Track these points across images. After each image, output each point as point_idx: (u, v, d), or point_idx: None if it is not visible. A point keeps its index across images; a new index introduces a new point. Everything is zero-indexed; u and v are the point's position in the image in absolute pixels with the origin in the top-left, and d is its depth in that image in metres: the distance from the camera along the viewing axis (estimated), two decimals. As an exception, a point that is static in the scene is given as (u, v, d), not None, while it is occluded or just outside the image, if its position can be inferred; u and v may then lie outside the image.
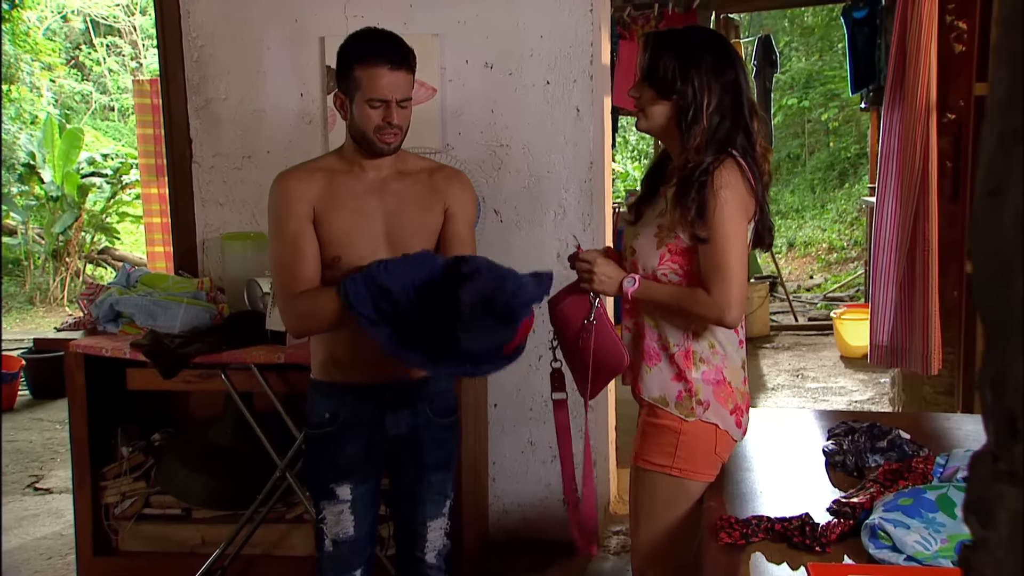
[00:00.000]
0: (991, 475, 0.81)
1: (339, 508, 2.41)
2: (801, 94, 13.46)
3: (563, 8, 3.59)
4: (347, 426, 2.39)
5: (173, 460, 3.43)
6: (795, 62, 14.10)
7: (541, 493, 3.80)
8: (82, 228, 11.10)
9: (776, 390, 6.08)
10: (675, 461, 2.20)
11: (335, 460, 2.40)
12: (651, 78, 2.17)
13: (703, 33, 2.31)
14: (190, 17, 3.75)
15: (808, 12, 13.64)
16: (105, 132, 14.92)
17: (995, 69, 0.82)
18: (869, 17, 5.94)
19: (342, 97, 2.31)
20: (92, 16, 15.59)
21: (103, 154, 12.31)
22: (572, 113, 3.62)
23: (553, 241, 3.67)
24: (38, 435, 5.69)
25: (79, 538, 3.44)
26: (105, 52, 15.93)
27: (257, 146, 3.77)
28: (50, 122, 11.11)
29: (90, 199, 11.08)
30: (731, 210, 2.10)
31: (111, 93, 15.80)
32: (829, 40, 13.62)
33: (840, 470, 2.28)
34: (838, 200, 12.69)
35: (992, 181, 0.79)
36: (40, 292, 10.93)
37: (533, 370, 3.74)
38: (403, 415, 2.42)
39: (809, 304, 9.23)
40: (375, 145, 2.30)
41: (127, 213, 11.48)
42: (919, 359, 3.40)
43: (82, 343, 3.25)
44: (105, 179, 11.31)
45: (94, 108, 15.50)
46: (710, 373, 2.20)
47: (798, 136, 14.24)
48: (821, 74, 13.45)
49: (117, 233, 11.64)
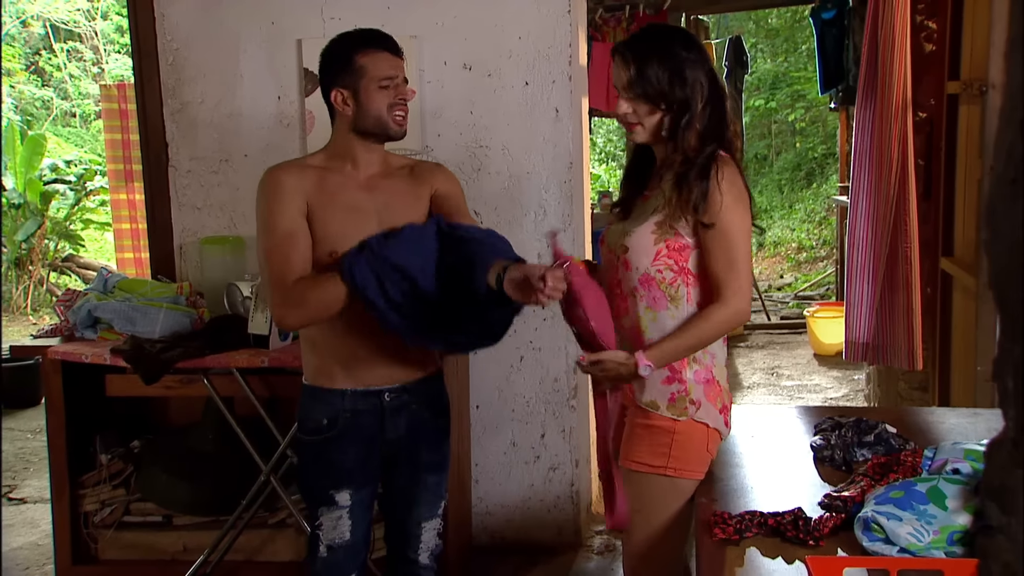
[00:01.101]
0: (1012, 462, 0.81)
1: (338, 514, 2.40)
2: (768, 95, 13.57)
3: (541, 9, 3.60)
4: (346, 432, 2.38)
5: (153, 467, 3.39)
6: (761, 63, 14.21)
7: (524, 494, 3.80)
8: (45, 236, 10.94)
9: (752, 388, 6.13)
10: (669, 461, 2.20)
11: (335, 466, 2.39)
12: (644, 93, 2.16)
13: (669, 31, 2.30)
14: (165, 20, 3.72)
15: (773, 14, 13.75)
16: (67, 138, 14.72)
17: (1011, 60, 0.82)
18: (837, 18, 6.01)
19: (343, 92, 2.31)
20: (52, 21, 15.38)
21: (66, 160, 12.15)
22: (551, 114, 3.63)
23: (533, 242, 3.67)
24: (9, 444, 5.61)
25: (58, 547, 3.40)
26: (66, 57, 15.73)
27: (234, 149, 3.74)
28: (11, 129, 10.96)
29: (53, 206, 10.93)
30: (735, 205, 2.13)
31: (72, 99, 15.60)
32: (794, 42, 13.75)
33: (828, 465, 2.30)
34: (806, 200, 12.80)
35: (1012, 169, 0.79)
36: (3, 300, 10.77)
37: (515, 371, 3.74)
38: (401, 418, 2.42)
39: (781, 303, 9.30)
40: (389, 127, 2.32)
41: (92, 220, 11.34)
42: (903, 355, 3.43)
43: (61, 349, 3.20)
44: (69, 186, 11.16)
45: (55, 114, 15.30)
46: (701, 372, 2.21)
47: (765, 137, 14.35)
48: (787, 75, 13.56)
49: (82, 240, 11.49)
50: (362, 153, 2.36)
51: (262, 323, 3.03)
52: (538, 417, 3.76)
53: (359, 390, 2.37)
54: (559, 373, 3.74)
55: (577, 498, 3.79)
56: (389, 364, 2.38)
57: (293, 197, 2.28)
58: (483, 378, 3.74)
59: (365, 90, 2.30)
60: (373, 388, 2.38)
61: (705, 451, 2.23)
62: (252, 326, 3.07)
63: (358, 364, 2.36)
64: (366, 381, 2.37)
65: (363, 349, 2.34)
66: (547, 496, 3.79)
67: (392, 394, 2.40)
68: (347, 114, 2.33)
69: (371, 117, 2.31)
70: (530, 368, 3.74)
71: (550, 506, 3.79)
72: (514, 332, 3.70)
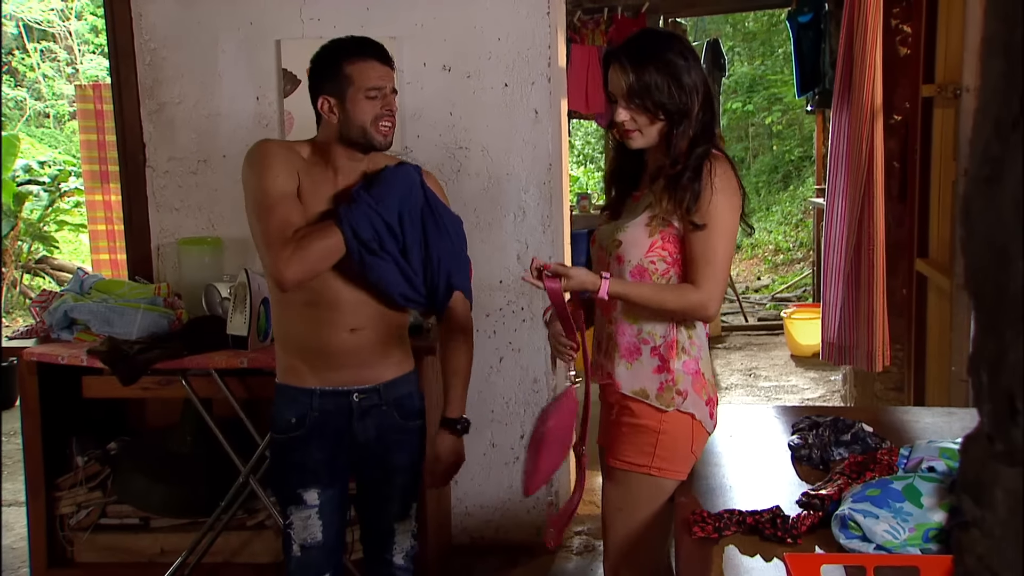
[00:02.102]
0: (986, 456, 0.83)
1: (307, 513, 2.39)
2: (745, 98, 13.64)
3: (520, 11, 3.61)
4: (314, 431, 2.37)
5: (130, 469, 3.37)
6: (738, 66, 14.28)
7: (504, 495, 3.80)
8: (19, 237, 10.84)
9: (730, 389, 6.16)
10: (654, 460, 2.21)
11: (302, 465, 2.39)
12: (643, 103, 2.16)
13: (666, 38, 2.30)
14: (142, 20, 3.70)
15: (750, 17, 13.83)
16: (40, 139, 14.59)
17: (986, 60, 0.84)
18: (814, 21, 6.05)
19: (330, 100, 2.30)
20: (25, 20, 15.24)
21: (40, 161, 12.03)
22: (530, 115, 3.64)
23: (513, 243, 3.68)
24: (-17, 447, 5.55)
25: (33, 550, 3.37)
26: (39, 58, 15.59)
27: (213, 150, 3.73)
28: (-16, 129, 10.86)
29: (27, 208, 10.82)
30: (726, 205, 2.14)
31: (46, 99, 15.47)
32: (771, 45, 13.82)
33: (806, 463, 2.32)
34: (783, 202, 12.88)
35: (988, 167, 0.81)
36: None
37: (494, 372, 3.75)
38: (371, 419, 2.41)
39: (758, 305, 9.35)
40: (374, 138, 2.31)
41: (66, 222, 11.24)
42: (865, 356, 3.47)
43: (37, 351, 3.18)
44: (42, 187, 11.06)
45: (29, 115, 15.17)
46: (690, 363, 2.22)
47: (742, 139, 14.42)
48: (764, 78, 13.64)
49: (56, 242, 11.38)
50: (344, 162, 2.34)
51: (241, 324, 3.02)
52: (517, 418, 3.77)
53: (328, 389, 2.36)
54: (539, 374, 3.74)
55: (556, 499, 3.79)
56: (359, 365, 2.37)
57: (287, 167, 2.28)
58: (462, 379, 3.74)
59: (352, 99, 2.28)
60: (342, 388, 2.37)
61: (690, 451, 2.25)
62: (231, 327, 3.05)
63: (327, 363, 2.35)
64: (335, 381, 2.36)
65: (332, 348, 2.33)
66: (527, 497, 3.79)
67: (362, 395, 2.39)
68: (332, 122, 2.31)
69: (356, 127, 2.29)
70: (509, 369, 3.75)
71: (529, 507, 3.80)
72: (493, 334, 3.74)
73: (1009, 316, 0.79)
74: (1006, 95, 0.79)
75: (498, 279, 3.69)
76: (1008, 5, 0.82)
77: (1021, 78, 0.79)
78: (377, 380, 2.40)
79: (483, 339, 3.73)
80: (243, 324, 3.01)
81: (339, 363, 2.35)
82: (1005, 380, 0.79)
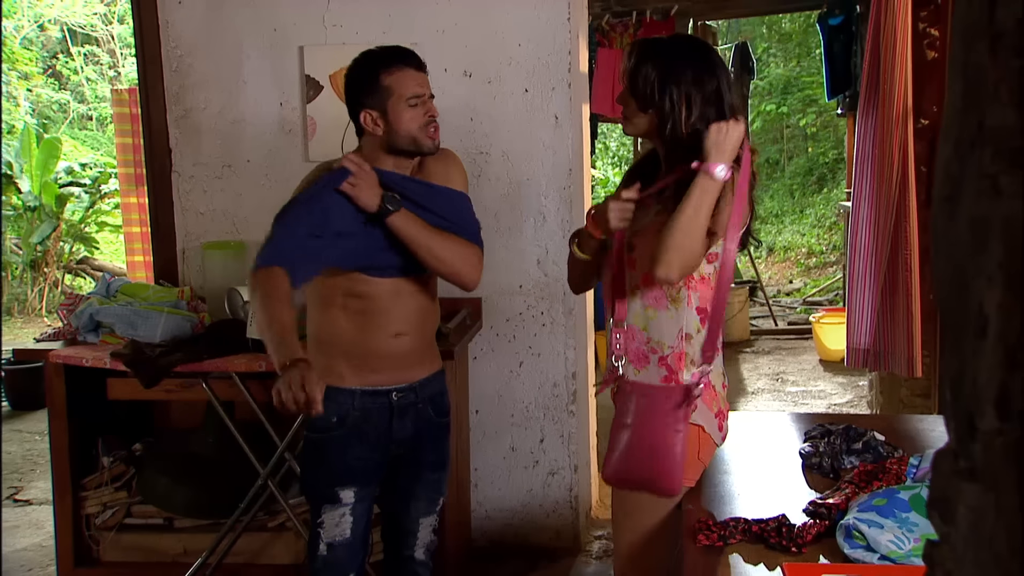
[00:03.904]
0: (952, 472, 0.83)
1: (341, 511, 2.43)
2: (779, 100, 13.54)
3: (541, 16, 3.62)
4: (354, 429, 2.41)
5: (154, 470, 3.42)
6: (773, 68, 14.18)
7: (523, 499, 3.82)
8: (60, 238, 11.03)
9: (756, 394, 6.12)
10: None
11: (341, 464, 2.42)
12: (633, 90, 2.19)
13: (686, 43, 2.29)
14: (169, 27, 3.76)
15: (786, 19, 13.73)
16: (83, 141, 14.83)
17: (949, 81, 0.85)
18: (845, 24, 6.00)
19: (372, 113, 2.33)
20: (69, 25, 15.50)
21: (81, 163, 12.24)
22: (551, 120, 3.65)
23: (533, 248, 3.70)
24: (17, 446, 5.66)
25: (60, 549, 3.43)
26: (83, 61, 15.85)
27: (237, 155, 3.78)
28: (27, 132, 11.05)
29: (68, 209, 11.02)
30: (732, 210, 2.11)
31: (89, 102, 15.72)
32: (807, 46, 13.71)
33: (816, 472, 2.31)
34: (817, 205, 12.77)
35: (948, 187, 0.82)
36: (18, 303, 10.86)
37: (514, 376, 3.76)
38: (408, 417, 2.46)
39: (789, 308, 9.28)
40: (424, 144, 2.37)
41: (106, 223, 11.42)
42: (903, 362, 3.44)
43: (62, 353, 3.24)
44: (84, 189, 11.25)
45: (72, 117, 15.42)
46: (698, 376, 2.21)
47: (777, 141, 14.32)
48: (799, 80, 13.53)
49: (96, 243, 11.58)
50: (392, 166, 2.39)
51: (260, 328, 3.05)
52: (537, 422, 3.78)
53: (368, 389, 2.41)
54: (558, 378, 3.75)
55: (576, 503, 3.80)
56: (398, 367, 2.43)
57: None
58: (483, 383, 3.77)
59: (393, 110, 2.32)
60: (382, 388, 2.42)
61: (696, 458, 2.24)
62: (251, 331, 3.09)
63: (369, 366, 2.40)
64: (375, 381, 2.41)
65: (377, 352, 2.39)
66: (546, 501, 3.81)
67: (400, 394, 2.44)
68: (377, 134, 2.35)
69: (403, 136, 2.34)
70: (529, 373, 3.76)
71: (549, 511, 3.81)
72: (513, 338, 3.75)
73: (967, 334, 0.79)
74: (964, 115, 0.80)
75: (518, 284, 3.70)
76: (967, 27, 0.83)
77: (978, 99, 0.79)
78: (413, 379, 2.46)
79: (503, 343, 3.75)
80: (262, 328, 3.04)
81: (381, 365, 2.40)
82: (965, 397, 0.79)
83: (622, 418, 2.24)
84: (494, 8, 3.63)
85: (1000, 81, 0.76)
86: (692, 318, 2.19)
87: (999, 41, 0.76)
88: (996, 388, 0.76)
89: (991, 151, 0.78)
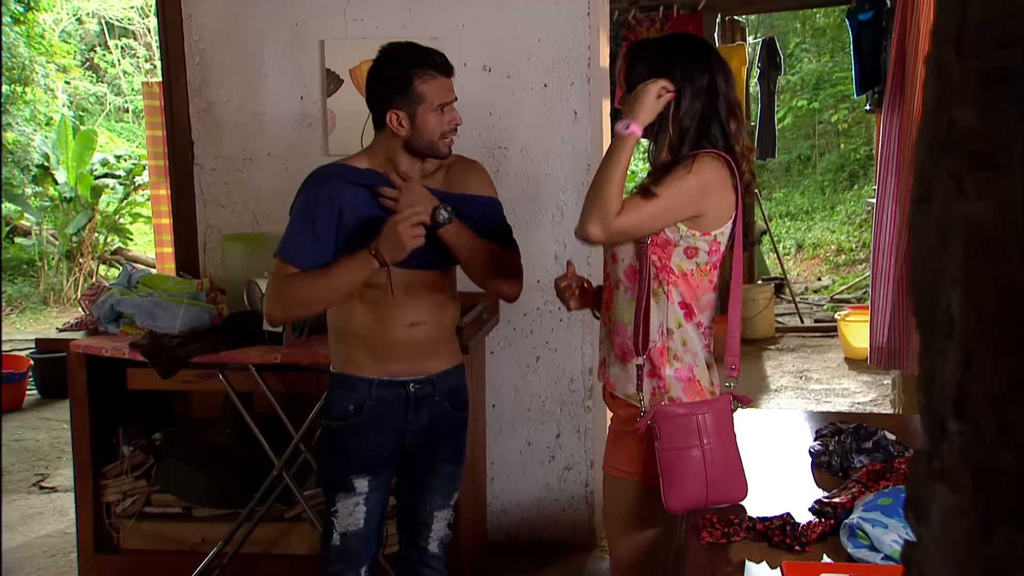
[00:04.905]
0: (926, 473, 0.83)
1: (354, 500, 2.45)
2: (811, 95, 13.42)
3: (561, 11, 3.62)
4: (371, 419, 2.43)
5: (173, 459, 3.46)
6: (806, 63, 14.06)
7: (539, 493, 3.82)
8: (95, 229, 11.18)
9: (779, 392, 6.08)
10: (645, 467, 2.20)
11: (356, 453, 2.45)
12: (629, 90, 2.19)
13: (678, 40, 2.30)
14: (192, 20, 3.79)
15: (820, 13, 13.60)
16: (119, 133, 15.00)
17: (926, 81, 0.84)
18: (875, 19, 5.93)
19: (399, 114, 2.34)
20: (107, 18, 15.67)
21: (116, 155, 12.39)
22: (570, 116, 3.65)
23: (551, 243, 3.70)
24: (45, 434, 5.75)
25: (81, 536, 3.48)
26: (120, 54, 16.02)
27: (258, 148, 3.81)
28: (64, 124, 11.20)
29: (103, 200, 11.17)
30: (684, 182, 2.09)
31: (125, 95, 15.89)
32: (841, 41, 13.58)
33: (825, 470, 2.30)
34: (847, 202, 12.66)
35: (921, 188, 0.81)
36: (54, 292, 11.02)
37: (531, 371, 3.77)
38: (424, 409, 2.48)
39: (816, 306, 9.21)
40: (440, 151, 2.40)
41: (140, 214, 11.56)
42: (917, 360, 3.41)
43: (83, 343, 3.29)
44: (118, 180, 11.39)
45: (108, 109, 15.60)
46: (683, 371, 2.19)
47: (808, 137, 14.20)
48: (831, 75, 13.41)
49: (130, 234, 11.72)
50: (406, 164, 2.41)
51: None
52: (553, 417, 3.78)
53: (385, 379, 2.43)
54: (575, 374, 3.75)
55: (591, 498, 3.80)
56: (416, 357, 2.44)
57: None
58: (499, 377, 3.77)
59: (422, 115, 2.34)
60: (399, 379, 2.43)
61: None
62: (267, 323, 3.12)
63: (387, 355, 2.42)
64: (393, 372, 2.43)
65: (393, 341, 2.40)
66: (562, 496, 3.81)
67: (417, 385, 2.45)
68: (400, 135, 2.37)
69: (424, 140, 2.36)
70: (546, 368, 3.77)
71: (564, 506, 3.81)
72: (531, 333, 3.76)
73: (937, 334, 0.79)
74: (936, 116, 0.80)
75: (535, 279, 3.70)
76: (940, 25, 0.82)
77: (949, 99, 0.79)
78: (431, 371, 2.47)
79: (520, 338, 3.76)
80: (278, 320, 3.07)
81: (398, 355, 2.42)
82: (936, 398, 0.79)
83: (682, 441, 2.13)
84: (514, 3, 3.63)
85: (964, 82, 0.76)
86: (675, 312, 2.18)
87: (963, 41, 0.76)
88: (955, 389, 0.76)
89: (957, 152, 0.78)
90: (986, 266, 0.68)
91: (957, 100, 0.77)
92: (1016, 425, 0.66)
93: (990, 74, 0.71)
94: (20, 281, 11.23)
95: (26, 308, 10.71)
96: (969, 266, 0.73)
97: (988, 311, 0.67)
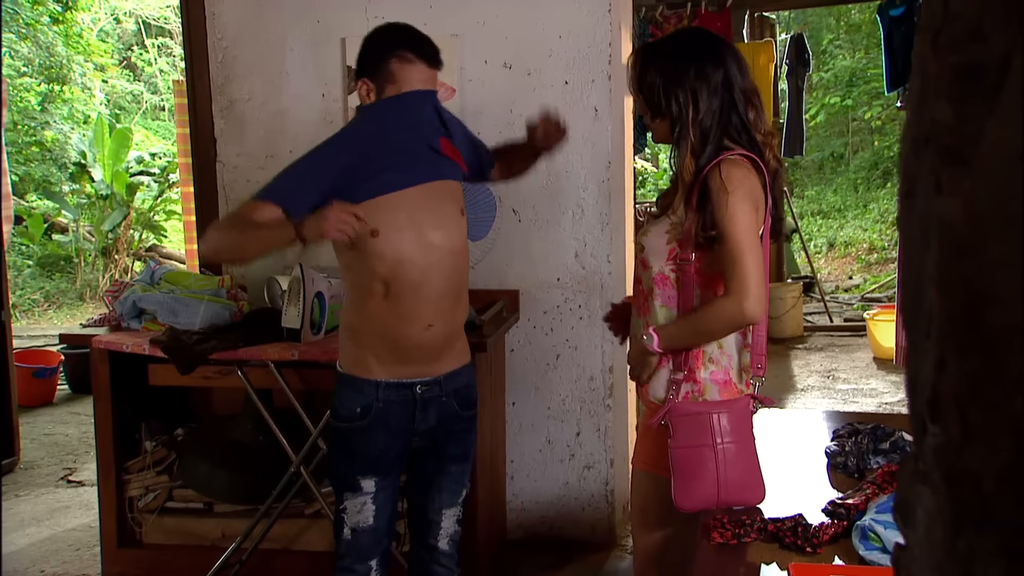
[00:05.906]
0: (911, 475, 0.82)
1: (362, 500, 2.45)
2: (844, 92, 13.28)
3: (582, 8, 3.60)
4: (377, 421, 2.43)
5: (195, 455, 3.49)
6: (839, 60, 13.91)
7: (559, 492, 3.81)
8: (131, 226, 11.32)
9: (806, 391, 6.02)
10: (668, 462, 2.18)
11: (363, 454, 2.44)
12: (643, 99, 2.17)
13: (687, 39, 2.26)
14: (215, 19, 3.82)
15: (855, 9, 13.45)
16: (155, 131, 15.16)
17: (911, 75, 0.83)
18: (906, 15, 5.88)
19: (368, 84, 2.37)
20: (144, 18, 15.85)
21: (151, 153, 12.53)
22: (590, 113, 3.63)
23: (571, 240, 3.68)
24: (74, 428, 5.82)
25: (104, 530, 3.52)
26: (156, 53, 16.19)
27: (280, 146, 3.82)
28: (100, 122, 11.34)
29: (138, 197, 11.30)
30: (737, 207, 2.03)
31: (161, 93, 16.05)
32: (875, 37, 13.42)
33: (841, 471, 2.27)
34: (880, 200, 12.51)
35: (907, 184, 0.80)
36: (90, 288, 11.16)
37: (551, 369, 3.76)
38: (432, 410, 2.46)
39: (846, 305, 9.11)
40: None
41: (174, 211, 11.68)
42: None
43: (104, 339, 3.31)
44: (153, 178, 11.52)
45: (145, 108, 15.76)
46: (718, 374, 2.17)
47: (842, 135, 14.06)
48: (865, 72, 13.26)
49: (164, 231, 11.85)
50: None
51: (294, 317, 3.09)
52: (573, 415, 3.77)
53: (392, 382, 2.41)
54: (595, 372, 3.74)
55: (612, 497, 3.78)
56: (426, 358, 2.43)
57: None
58: (519, 375, 3.77)
59: (387, 94, 2.34)
60: (407, 381, 2.42)
61: None
62: (285, 320, 3.13)
63: (398, 358, 2.40)
64: (401, 374, 2.42)
65: (409, 343, 2.39)
66: (581, 494, 3.80)
67: (424, 387, 2.44)
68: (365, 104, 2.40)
69: None
70: (566, 366, 3.75)
71: (584, 504, 3.80)
72: (551, 331, 3.75)
73: (920, 333, 0.78)
74: (919, 112, 0.78)
75: (555, 276, 3.70)
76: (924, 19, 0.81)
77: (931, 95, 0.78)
78: (438, 372, 2.46)
79: (540, 336, 3.75)
80: (296, 317, 3.09)
81: (410, 358, 2.40)
82: (919, 398, 0.78)
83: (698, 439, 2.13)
84: (535, 0, 3.62)
85: (940, 76, 0.75)
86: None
87: (940, 35, 0.75)
88: (930, 390, 0.74)
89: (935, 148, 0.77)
90: (955, 265, 0.66)
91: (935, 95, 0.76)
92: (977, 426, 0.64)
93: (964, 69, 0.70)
94: (57, 277, 11.39)
95: (63, 304, 10.86)
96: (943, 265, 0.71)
97: (956, 312, 0.66)
